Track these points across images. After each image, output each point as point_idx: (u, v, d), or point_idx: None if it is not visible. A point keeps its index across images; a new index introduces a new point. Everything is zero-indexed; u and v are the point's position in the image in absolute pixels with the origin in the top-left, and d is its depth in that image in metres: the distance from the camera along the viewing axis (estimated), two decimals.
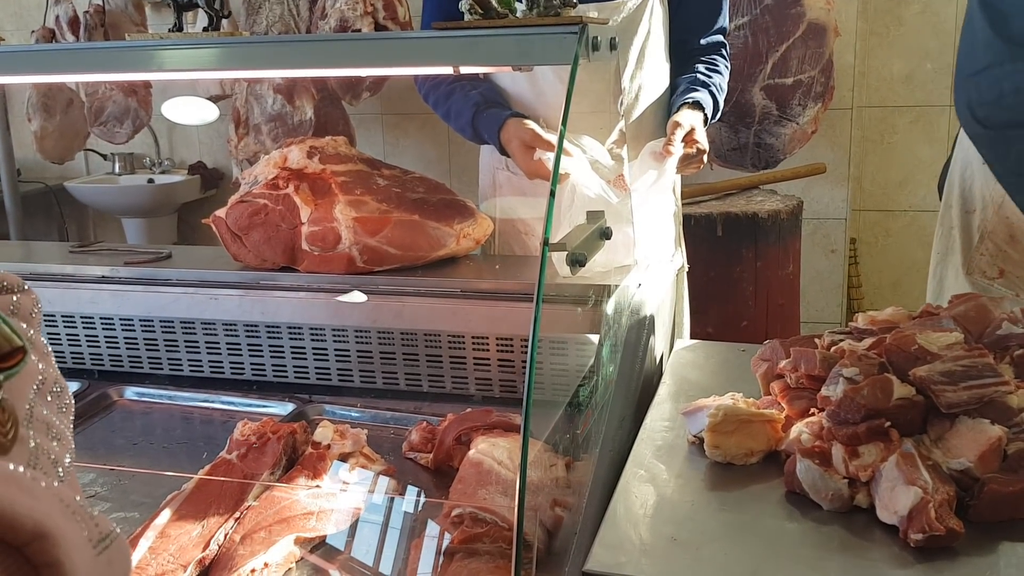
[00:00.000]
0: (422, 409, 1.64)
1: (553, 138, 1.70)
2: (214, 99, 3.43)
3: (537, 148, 1.71)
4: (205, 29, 1.26)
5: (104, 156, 4.04)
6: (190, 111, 3.14)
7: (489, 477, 1.25)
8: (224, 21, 1.29)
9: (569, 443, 1.27)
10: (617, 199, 1.52)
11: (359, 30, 3.07)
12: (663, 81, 1.94)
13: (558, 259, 1.16)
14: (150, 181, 3.93)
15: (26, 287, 0.56)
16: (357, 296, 1.65)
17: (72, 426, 0.51)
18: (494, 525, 1.16)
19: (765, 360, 1.28)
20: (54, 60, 1.28)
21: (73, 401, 0.53)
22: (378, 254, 1.64)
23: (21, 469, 0.39)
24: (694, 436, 1.16)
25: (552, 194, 0.96)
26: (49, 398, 0.49)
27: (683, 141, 1.68)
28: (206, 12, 1.25)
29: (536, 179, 1.75)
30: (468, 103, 1.84)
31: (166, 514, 1.26)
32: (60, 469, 0.45)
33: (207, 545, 1.19)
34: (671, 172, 1.66)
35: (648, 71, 1.88)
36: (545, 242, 0.94)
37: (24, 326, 0.53)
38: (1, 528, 0.36)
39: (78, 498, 0.41)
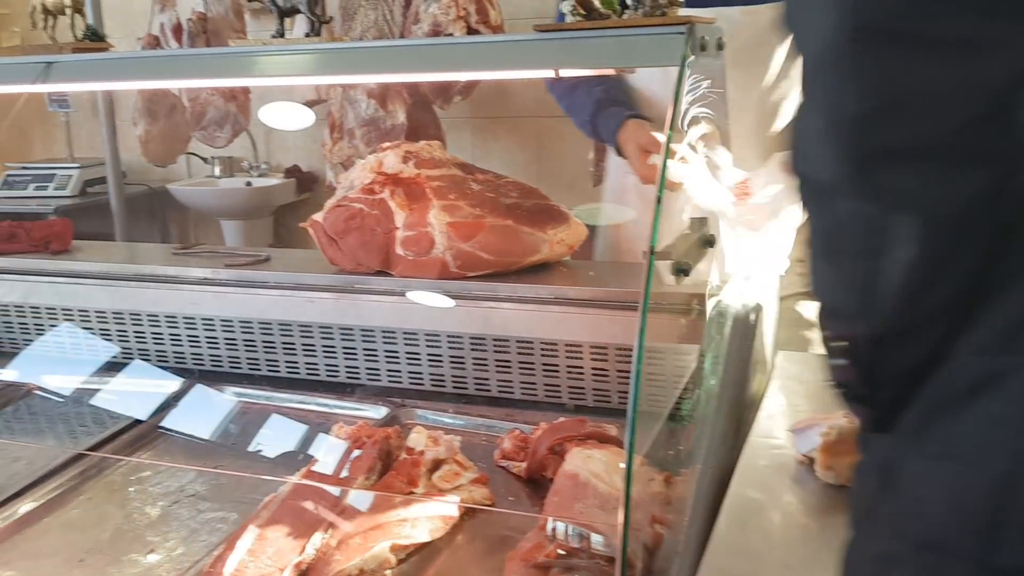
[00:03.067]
0: (514, 416, 1.62)
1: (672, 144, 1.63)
2: (309, 104, 3.49)
3: (653, 153, 1.66)
4: (307, 35, 1.27)
5: (204, 159, 4.17)
6: (286, 116, 3.20)
7: (586, 490, 1.22)
8: (323, 26, 1.30)
9: (670, 458, 1.23)
10: (734, 207, 1.46)
11: (451, 34, 3.08)
12: None
13: (662, 268, 1.12)
14: (248, 184, 4.04)
15: None
16: (446, 301, 1.64)
17: None
18: (590, 540, 1.14)
19: None
20: (162, 66, 1.31)
21: None
22: (471, 259, 1.63)
23: None
24: (804, 455, 1.11)
25: (658, 200, 0.93)
26: None
27: None
28: (307, 17, 1.25)
29: (650, 184, 1.70)
30: (590, 99, 1.79)
31: (264, 516, 1.27)
32: None
33: (303, 549, 1.19)
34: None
35: (794, 81, 1.80)
36: (651, 251, 0.90)
37: None
38: None
39: None
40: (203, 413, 1.72)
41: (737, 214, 1.46)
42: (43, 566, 1.26)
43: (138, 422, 1.65)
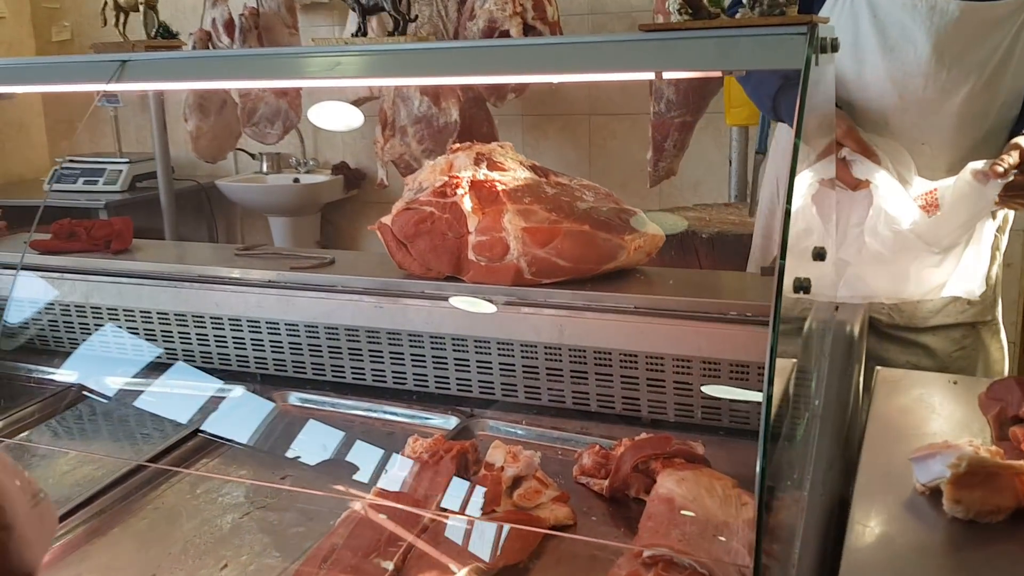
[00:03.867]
0: (589, 430, 1.56)
1: (872, 141, 1.51)
2: (359, 101, 3.45)
3: (844, 146, 1.50)
4: (390, 33, 1.21)
5: (253, 156, 4.15)
6: (336, 116, 3.16)
7: (683, 517, 1.16)
8: (407, 24, 1.25)
9: (778, 484, 1.16)
10: (922, 218, 1.37)
11: (507, 31, 3.02)
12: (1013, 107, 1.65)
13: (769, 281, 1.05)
14: (296, 181, 4.02)
15: None
16: (498, 306, 1.58)
17: None
18: (691, 570, 1.07)
19: (997, 400, 1.14)
20: (241, 66, 1.27)
21: None
22: (547, 265, 1.57)
23: None
24: (925, 485, 1.04)
25: (787, 212, 0.86)
26: None
27: (1017, 167, 1.43)
28: (391, 16, 1.20)
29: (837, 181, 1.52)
30: (777, 73, 1.63)
31: (341, 533, 1.22)
32: None
33: (386, 570, 1.14)
34: (990, 197, 1.43)
35: (999, 92, 1.62)
36: (781, 263, 0.84)
37: None
38: None
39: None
40: (268, 421, 1.68)
41: (925, 227, 1.36)
42: None
43: (199, 430, 1.61)
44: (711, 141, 3.45)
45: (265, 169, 4.14)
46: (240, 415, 1.69)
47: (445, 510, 1.26)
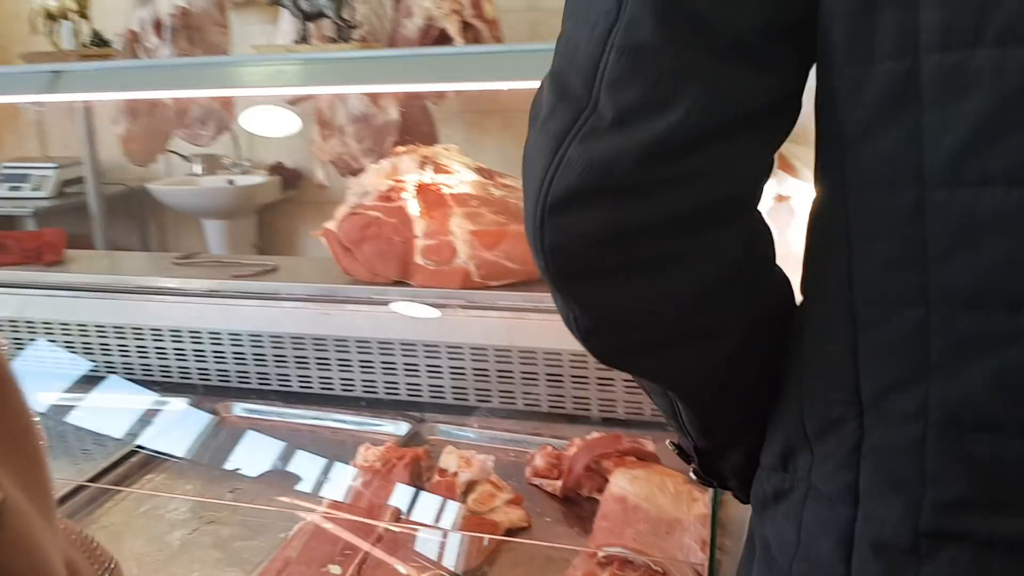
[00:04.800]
0: (541, 431, 1.57)
1: (791, 152, 1.53)
2: (294, 101, 3.39)
3: None
4: (332, 40, 1.20)
5: (185, 157, 4.04)
6: (270, 120, 3.10)
7: (636, 514, 1.18)
8: (352, 31, 1.23)
9: None
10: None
11: (445, 29, 3.01)
12: None
13: None
14: (230, 182, 3.93)
15: None
16: (447, 310, 1.59)
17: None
18: (646, 568, 1.09)
19: None
20: (178, 75, 1.24)
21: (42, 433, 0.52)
22: (495, 268, 1.58)
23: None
24: None
25: None
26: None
27: None
28: (334, 22, 1.19)
29: None
30: None
31: (296, 546, 1.21)
32: None
33: None
34: None
35: None
36: None
37: None
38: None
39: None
40: (212, 434, 1.65)
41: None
42: None
43: (140, 447, 1.57)
44: None
45: (198, 171, 4.04)
46: (183, 428, 1.66)
47: (400, 519, 1.26)
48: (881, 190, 0.52)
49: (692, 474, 0.76)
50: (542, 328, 1.55)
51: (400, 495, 1.31)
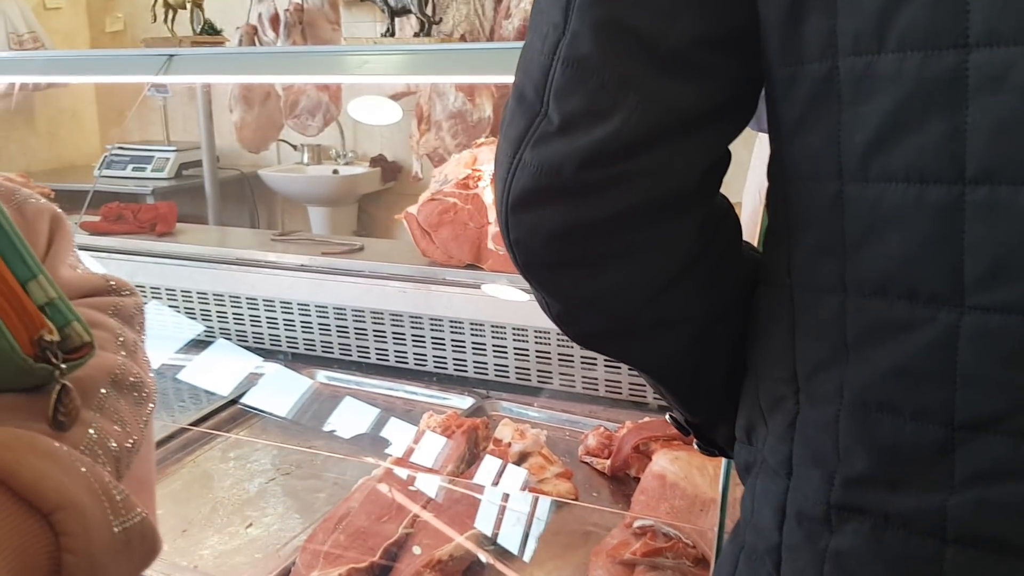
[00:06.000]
0: (597, 413, 1.64)
1: None
2: (398, 96, 3.55)
3: None
4: (416, 34, 1.30)
5: (294, 147, 4.27)
6: (375, 111, 3.27)
7: (673, 491, 1.23)
8: (432, 26, 1.33)
9: None
10: None
11: None
12: None
13: None
14: (335, 172, 4.13)
15: (133, 291, 0.62)
16: (515, 294, 1.66)
17: (149, 415, 0.57)
18: (677, 541, 1.15)
19: None
20: (278, 62, 1.36)
21: (154, 393, 0.58)
22: None
23: (59, 445, 0.46)
24: None
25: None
26: (127, 388, 0.55)
27: None
28: (418, 18, 1.29)
29: None
30: None
31: (357, 498, 1.32)
32: (118, 451, 0.51)
33: (396, 531, 1.24)
34: None
35: None
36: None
37: (118, 324, 0.59)
38: (29, 494, 0.42)
39: (107, 479, 0.46)
40: (296, 395, 1.79)
41: None
42: None
43: (234, 401, 1.73)
44: (742, 144, 3.48)
45: (306, 160, 4.26)
46: (272, 389, 1.80)
47: (454, 480, 1.35)
48: (809, 183, 0.56)
49: (696, 445, 0.81)
50: None
51: (456, 459, 1.40)
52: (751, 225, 1.97)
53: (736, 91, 0.59)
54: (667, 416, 0.81)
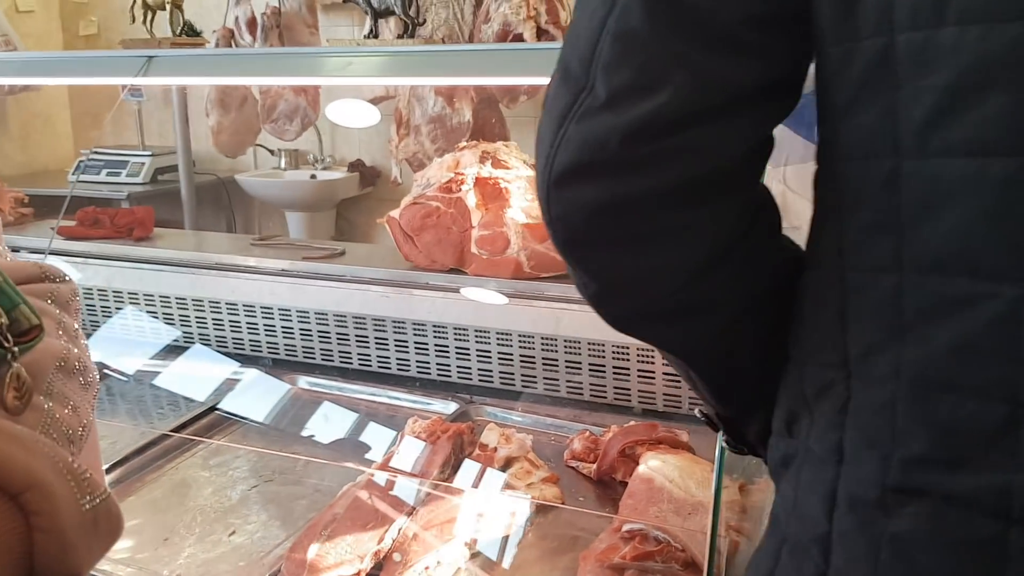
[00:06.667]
0: (582, 418, 1.63)
1: None
2: (376, 100, 3.53)
3: None
4: (399, 36, 1.29)
5: (271, 151, 4.24)
6: (353, 114, 3.25)
7: (660, 495, 1.23)
8: (416, 28, 1.32)
9: (746, 466, 1.24)
10: None
11: (521, 34, 3.09)
12: None
13: None
14: (312, 177, 4.10)
15: (67, 278, 0.62)
16: (519, 301, 1.66)
17: (94, 400, 0.57)
18: (667, 544, 1.15)
19: None
20: (259, 63, 1.35)
21: (97, 379, 0.59)
22: (545, 260, 1.65)
23: (21, 428, 0.46)
24: None
25: None
26: (74, 373, 0.55)
27: None
28: (401, 19, 1.28)
29: None
30: None
31: (343, 504, 1.30)
32: (71, 435, 0.52)
33: (382, 539, 1.23)
34: None
35: None
36: None
37: (57, 311, 0.59)
38: None
39: (71, 459, 0.46)
40: (277, 401, 1.77)
41: None
42: (130, 544, 1.31)
43: (213, 407, 1.70)
44: None
45: (283, 165, 4.23)
46: (253, 395, 1.78)
47: (440, 485, 1.34)
48: (864, 161, 0.56)
49: (723, 442, 0.79)
50: (587, 319, 1.60)
51: (441, 464, 1.39)
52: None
53: (783, 72, 0.58)
54: (696, 411, 0.80)
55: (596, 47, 0.57)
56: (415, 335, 1.75)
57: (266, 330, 1.88)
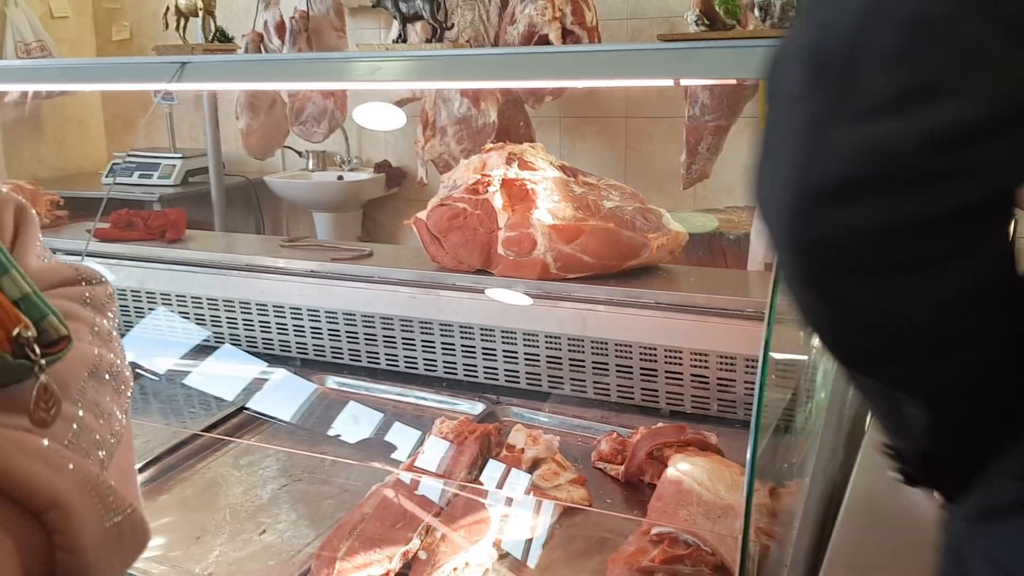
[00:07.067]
0: (609, 419, 1.63)
1: None
2: (402, 102, 3.55)
3: None
4: (428, 40, 1.30)
5: (299, 153, 4.28)
6: (379, 117, 3.26)
7: (689, 497, 1.23)
8: (444, 32, 1.33)
9: (776, 470, 1.23)
10: None
11: (546, 35, 3.10)
12: None
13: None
14: (339, 178, 4.14)
15: (103, 279, 0.62)
16: (525, 299, 1.66)
17: (127, 404, 0.57)
18: (696, 548, 1.14)
19: None
20: (291, 69, 1.36)
21: (131, 382, 0.58)
22: (572, 261, 1.65)
23: (47, 443, 0.46)
24: None
25: None
26: (106, 379, 0.55)
27: None
28: (430, 24, 1.29)
29: None
30: None
31: (371, 504, 1.31)
32: (102, 443, 0.51)
33: (410, 539, 1.23)
34: None
35: None
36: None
37: (92, 315, 0.59)
38: (20, 495, 0.42)
39: (98, 474, 0.46)
40: (305, 401, 1.78)
41: None
42: (162, 542, 1.33)
43: (243, 407, 1.72)
44: (748, 146, 3.48)
45: (311, 166, 4.26)
46: (282, 395, 1.79)
47: (467, 486, 1.35)
48: None
49: (897, 473, 0.71)
50: (615, 320, 1.61)
51: (469, 465, 1.39)
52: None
53: None
54: (880, 445, 0.72)
55: (869, 35, 0.48)
56: (442, 336, 1.76)
57: (295, 330, 1.90)
